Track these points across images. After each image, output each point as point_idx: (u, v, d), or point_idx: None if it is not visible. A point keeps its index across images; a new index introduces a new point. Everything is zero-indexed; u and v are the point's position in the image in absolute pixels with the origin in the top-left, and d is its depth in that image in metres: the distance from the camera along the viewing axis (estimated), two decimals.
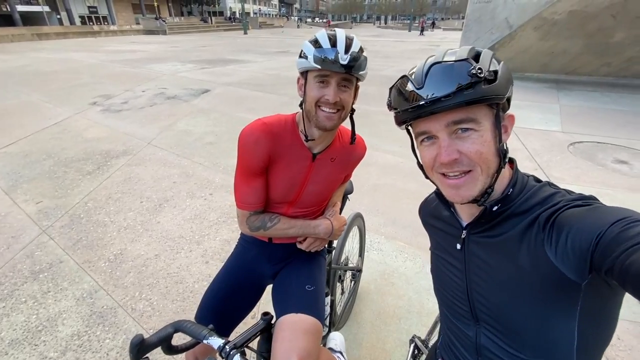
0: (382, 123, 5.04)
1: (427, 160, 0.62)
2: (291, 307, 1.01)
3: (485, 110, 0.57)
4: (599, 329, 0.58)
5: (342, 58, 0.84)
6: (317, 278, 1.14)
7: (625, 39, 6.82)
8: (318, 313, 1.03)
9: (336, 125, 0.95)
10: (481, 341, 0.68)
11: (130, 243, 2.40)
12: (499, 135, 0.58)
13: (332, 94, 0.87)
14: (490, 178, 0.59)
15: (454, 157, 0.57)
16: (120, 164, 3.62)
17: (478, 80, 0.53)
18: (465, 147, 0.57)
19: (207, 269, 2.16)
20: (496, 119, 0.58)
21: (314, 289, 1.09)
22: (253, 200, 1.02)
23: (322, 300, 1.10)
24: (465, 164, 0.58)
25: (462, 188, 0.59)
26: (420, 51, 16.01)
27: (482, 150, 0.57)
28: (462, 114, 0.55)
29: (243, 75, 8.89)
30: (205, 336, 0.74)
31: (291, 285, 1.10)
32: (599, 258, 0.47)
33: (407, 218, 2.73)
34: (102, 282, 2.05)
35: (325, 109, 0.90)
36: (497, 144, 0.58)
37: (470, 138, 0.57)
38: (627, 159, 3.89)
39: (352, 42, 0.87)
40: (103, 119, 5.16)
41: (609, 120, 5.30)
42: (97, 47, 15.84)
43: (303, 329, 0.95)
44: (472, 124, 0.56)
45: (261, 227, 1.04)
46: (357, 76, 0.90)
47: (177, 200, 2.97)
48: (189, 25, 32.56)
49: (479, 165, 0.57)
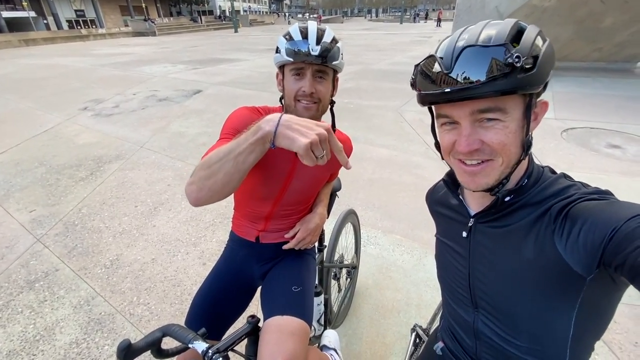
0: (376, 117, 5.03)
1: (446, 144, 0.59)
2: (277, 309, 1.00)
3: (516, 99, 0.52)
4: (596, 320, 0.58)
5: (314, 49, 0.84)
6: (304, 278, 1.12)
7: (614, 23, 6.83)
8: (305, 314, 1.02)
9: (315, 117, 0.93)
10: (478, 326, 0.68)
11: (126, 248, 2.39)
12: (527, 126, 0.54)
13: (307, 85, 0.88)
14: (509, 169, 0.56)
15: (474, 147, 0.54)
16: (113, 169, 3.59)
17: (514, 69, 0.47)
18: (488, 137, 0.53)
19: (205, 270, 2.15)
20: (527, 108, 0.53)
21: (301, 289, 1.08)
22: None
23: (310, 301, 1.09)
24: (486, 153, 0.55)
25: (479, 175, 0.57)
26: (412, 43, 15.95)
27: (505, 141, 0.53)
28: (489, 103, 0.51)
29: (235, 74, 8.82)
30: (191, 340, 0.74)
31: (278, 287, 1.09)
32: (611, 253, 0.46)
33: (403, 211, 2.73)
34: (99, 288, 2.04)
35: (303, 101, 0.90)
36: (523, 135, 0.54)
37: (494, 128, 0.53)
38: (620, 144, 3.92)
39: (323, 33, 0.87)
40: (94, 124, 5.11)
41: (601, 106, 5.32)
42: (86, 51, 15.65)
43: (289, 331, 0.94)
44: (499, 113, 0.52)
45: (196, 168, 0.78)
46: (332, 67, 0.90)
47: (172, 203, 2.95)
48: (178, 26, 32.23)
49: (500, 155, 0.54)
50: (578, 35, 7.40)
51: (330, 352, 1.30)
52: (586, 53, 8.14)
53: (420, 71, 0.58)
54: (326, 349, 1.33)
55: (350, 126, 4.50)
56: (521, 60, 0.46)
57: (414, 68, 0.61)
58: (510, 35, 0.49)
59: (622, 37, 7.32)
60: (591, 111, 5.06)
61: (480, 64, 0.48)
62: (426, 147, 3.95)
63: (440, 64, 0.53)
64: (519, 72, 0.48)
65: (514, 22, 0.51)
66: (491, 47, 0.48)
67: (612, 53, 8.07)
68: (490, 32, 0.50)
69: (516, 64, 0.46)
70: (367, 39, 19.02)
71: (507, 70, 0.47)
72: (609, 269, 0.47)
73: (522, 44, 0.48)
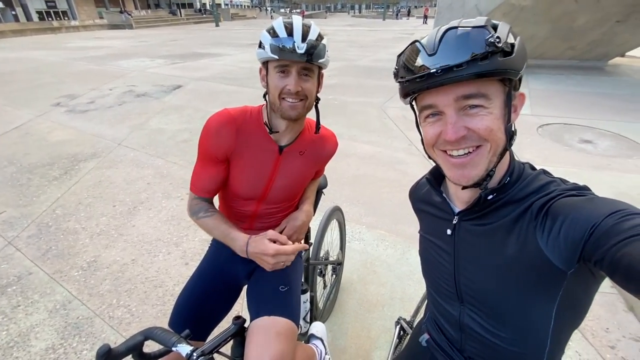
0: (360, 114, 5.05)
1: (430, 136, 0.58)
2: (264, 309, 0.98)
3: (497, 86, 0.53)
4: (575, 311, 0.60)
5: (299, 47, 0.82)
6: (291, 277, 1.11)
7: (587, 22, 7.11)
8: (292, 314, 1.01)
9: (301, 115, 0.93)
10: (464, 320, 0.70)
11: (105, 249, 2.31)
12: (509, 114, 0.55)
13: (293, 84, 0.86)
14: (496, 157, 0.56)
15: (461, 134, 0.54)
16: (89, 167, 3.46)
17: (495, 51, 0.48)
18: (473, 124, 0.53)
19: (187, 270, 2.11)
20: (507, 96, 0.54)
21: (288, 289, 1.07)
22: (202, 186, 1.01)
23: (297, 300, 1.09)
24: (474, 139, 0.54)
25: (468, 167, 0.56)
26: (395, 39, 16.08)
27: (492, 126, 0.53)
28: (473, 88, 0.52)
29: (216, 69, 8.65)
30: (174, 343, 0.72)
31: (264, 286, 1.07)
32: (591, 248, 0.47)
33: (387, 207, 2.76)
34: (75, 291, 1.96)
35: (289, 99, 0.89)
36: (505, 123, 0.55)
37: (479, 115, 0.53)
38: (591, 139, 4.09)
39: (309, 30, 0.84)
40: (68, 121, 4.89)
41: (575, 102, 5.54)
42: (58, 44, 14.93)
43: (276, 331, 0.93)
44: (483, 100, 0.52)
45: (194, 214, 1.02)
46: (317, 64, 0.89)
47: (152, 201, 2.87)
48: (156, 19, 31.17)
49: (488, 140, 0.54)
50: (553, 34, 7.66)
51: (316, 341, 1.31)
52: (561, 51, 8.44)
53: (404, 59, 0.58)
54: (313, 338, 1.33)
55: (334, 122, 4.49)
56: (502, 41, 0.48)
57: (397, 58, 0.60)
58: (489, 23, 0.51)
59: (594, 35, 7.63)
60: (565, 107, 5.26)
61: (463, 45, 0.50)
62: (409, 143, 4.00)
63: (425, 48, 0.53)
64: (500, 55, 0.49)
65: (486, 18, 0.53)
66: (473, 30, 0.50)
67: (585, 51, 8.40)
68: (469, 21, 0.52)
69: (497, 43, 0.48)
70: (350, 34, 19.03)
71: (490, 49, 0.48)
72: (589, 263, 0.48)
73: (499, 31, 0.50)
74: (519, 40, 0.52)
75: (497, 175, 0.59)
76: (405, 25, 28.22)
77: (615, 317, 1.76)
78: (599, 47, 8.20)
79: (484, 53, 0.48)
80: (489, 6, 7.00)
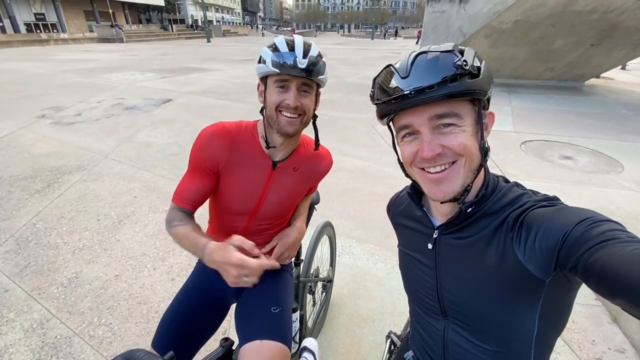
0: (349, 129, 5.13)
1: (407, 155, 0.61)
2: (255, 333, 0.95)
3: (467, 106, 0.57)
4: (556, 318, 0.61)
5: (301, 62, 0.84)
6: (283, 297, 1.08)
7: (564, 45, 7.51)
8: (284, 336, 0.98)
9: (298, 131, 0.93)
10: (449, 335, 0.70)
11: (87, 265, 2.23)
12: (481, 132, 0.58)
13: (292, 99, 0.87)
14: (472, 172, 0.59)
15: (437, 151, 0.56)
16: (73, 181, 3.38)
17: (463, 73, 0.52)
18: (447, 141, 0.56)
19: (173, 286, 2.05)
20: (478, 115, 0.58)
21: (280, 310, 1.03)
22: (185, 195, 0.97)
23: (288, 321, 1.05)
24: (449, 156, 0.57)
25: (444, 182, 0.59)
26: (383, 58, 16.55)
27: (465, 142, 0.56)
28: (445, 108, 0.55)
29: (207, 83, 8.69)
30: None
31: (255, 307, 1.03)
32: (564, 256, 0.49)
33: (377, 220, 2.78)
34: (54, 309, 1.88)
35: (287, 114, 0.89)
36: (479, 141, 0.58)
37: (452, 133, 0.56)
38: (571, 155, 4.25)
39: (310, 47, 0.87)
40: (53, 133, 4.80)
41: (554, 120, 5.78)
42: (46, 56, 14.78)
43: (268, 356, 0.90)
44: (455, 118, 0.56)
45: (168, 223, 0.96)
46: (316, 81, 0.90)
47: (138, 215, 2.81)
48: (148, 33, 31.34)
49: (463, 156, 0.57)
50: (532, 56, 8.04)
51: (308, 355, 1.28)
52: (540, 72, 8.85)
53: (379, 83, 0.61)
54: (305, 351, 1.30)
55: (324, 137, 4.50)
56: (469, 64, 0.52)
57: (372, 82, 0.64)
58: (456, 48, 0.56)
59: (571, 58, 8.04)
60: (546, 125, 5.47)
61: (434, 69, 0.54)
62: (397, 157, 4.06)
63: (397, 72, 0.57)
64: (467, 77, 0.53)
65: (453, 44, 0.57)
66: (442, 54, 0.54)
67: (563, 72, 8.83)
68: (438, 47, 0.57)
69: (465, 66, 0.52)
70: (340, 53, 19.50)
71: (458, 72, 0.52)
72: (565, 270, 0.50)
73: (465, 55, 0.54)
74: (484, 63, 0.56)
75: (474, 189, 0.62)
76: (393, 45, 29.15)
77: (601, 329, 1.79)
78: (576, 69, 8.63)
79: (453, 75, 0.52)
80: (472, 28, 7.33)
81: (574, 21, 6.63)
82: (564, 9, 6.31)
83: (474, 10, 7.15)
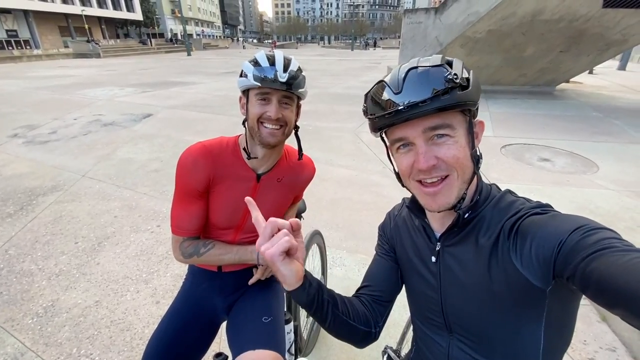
0: (334, 139, 5.15)
1: (404, 167, 0.61)
2: (248, 343, 0.94)
3: (459, 116, 0.58)
4: (562, 331, 0.60)
5: (281, 76, 0.86)
6: (273, 307, 1.08)
7: (535, 52, 7.87)
8: (278, 345, 0.97)
9: (280, 142, 0.94)
10: (453, 353, 0.68)
11: (64, 291, 2.10)
12: (472, 141, 0.59)
13: (273, 111, 0.89)
14: (466, 183, 0.60)
15: (432, 163, 0.57)
16: (48, 202, 3.22)
17: (454, 86, 0.53)
18: (442, 153, 0.57)
19: (158, 309, 1.96)
20: (469, 125, 0.59)
21: (272, 319, 1.03)
22: (188, 226, 0.97)
23: (281, 331, 1.05)
24: (443, 169, 0.58)
25: (439, 195, 0.59)
26: (364, 69, 16.89)
27: (458, 155, 0.57)
28: (438, 120, 0.56)
29: (189, 97, 8.59)
30: None
31: (246, 319, 1.03)
32: (561, 265, 0.48)
33: (367, 230, 2.76)
34: (29, 342, 1.75)
35: (268, 125, 0.90)
36: (471, 150, 0.59)
37: (446, 144, 0.57)
38: (549, 157, 4.40)
39: (290, 62, 0.89)
40: (26, 152, 4.60)
41: (531, 123, 5.99)
42: (19, 74, 14.30)
43: None
44: (448, 129, 0.57)
45: (194, 254, 0.99)
46: (297, 94, 0.92)
47: (119, 236, 2.69)
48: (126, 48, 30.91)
49: (455, 170, 0.58)
50: (506, 63, 8.38)
51: None
52: (514, 78, 9.22)
53: (371, 97, 0.62)
54: None
55: (310, 147, 4.54)
56: (459, 77, 0.54)
57: (364, 97, 0.64)
58: (444, 61, 0.57)
59: (542, 64, 8.43)
60: (523, 129, 5.66)
61: (425, 83, 0.55)
62: (383, 166, 4.09)
63: (390, 87, 0.58)
64: (458, 89, 0.54)
65: (441, 55, 0.58)
66: (432, 68, 0.56)
67: (535, 78, 9.24)
68: (427, 59, 0.58)
69: (455, 80, 0.53)
70: (321, 64, 19.78)
71: (449, 86, 0.53)
72: (562, 279, 0.50)
73: (454, 68, 0.56)
74: (472, 74, 0.58)
75: (468, 195, 0.62)
76: (372, 55, 29.83)
77: (591, 328, 1.81)
78: (547, 74, 9.05)
79: (445, 89, 0.53)
80: (448, 38, 7.59)
81: (543, 29, 6.97)
82: (533, 19, 6.64)
83: (449, 21, 7.41)
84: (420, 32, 8.30)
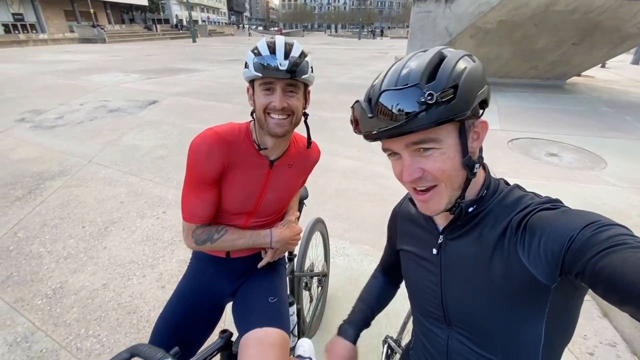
0: (339, 129, 5.12)
1: (397, 174, 0.62)
2: (255, 322, 0.97)
3: (447, 127, 0.54)
4: (563, 326, 0.60)
5: (282, 64, 0.84)
6: (278, 288, 1.11)
7: (547, 44, 7.69)
8: (284, 324, 1.01)
9: (287, 131, 0.93)
10: (452, 344, 0.68)
11: (72, 274, 2.15)
12: (464, 148, 0.56)
13: (278, 100, 0.87)
14: (457, 190, 0.59)
15: (416, 175, 0.57)
16: (56, 186, 3.26)
17: (429, 106, 0.50)
18: (427, 165, 0.56)
19: (164, 294, 2.00)
20: (460, 132, 0.56)
21: (277, 300, 1.06)
22: (201, 213, 0.97)
23: (286, 311, 1.08)
24: (429, 180, 0.57)
25: (430, 202, 0.59)
26: (371, 58, 16.65)
27: (444, 167, 0.56)
28: (420, 136, 0.54)
29: (194, 84, 8.55)
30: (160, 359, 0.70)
31: (253, 299, 1.06)
32: (570, 261, 0.47)
33: (370, 221, 2.77)
34: (39, 322, 1.80)
35: (275, 116, 0.89)
36: (462, 158, 0.56)
37: (432, 156, 0.55)
38: (556, 152, 4.35)
39: (291, 48, 0.86)
40: (33, 137, 4.63)
41: (539, 118, 5.90)
42: (25, 58, 14.29)
43: (270, 343, 0.92)
44: (432, 143, 0.55)
45: (207, 240, 0.99)
46: (302, 81, 0.90)
47: (125, 221, 2.73)
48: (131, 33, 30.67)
49: (442, 181, 0.57)
50: (516, 55, 8.21)
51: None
52: (524, 70, 9.04)
53: (353, 114, 0.61)
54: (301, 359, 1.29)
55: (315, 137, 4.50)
56: (435, 96, 0.49)
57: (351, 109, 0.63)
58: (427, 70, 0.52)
59: (553, 57, 8.24)
60: (531, 123, 5.58)
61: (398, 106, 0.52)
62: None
63: (364, 109, 0.56)
64: (438, 106, 0.50)
65: (436, 51, 0.54)
66: (406, 89, 0.51)
67: (546, 71, 9.05)
68: (408, 70, 0.53)
69: (429, 102, 0.49)
70: (327, 53, 19.52)
71: (422, 108, 0.50)
72: (570, 276, 0.49)
73: (437, 79, 0.51)
74: (470, 71, 0.53)
75: (474, 189, 0.61)
76: (380, 45, 29.36)
77: (592, 323, 1.82)
78: (558, 67, 8.86)
79: (418, 112, 0.50)
80: (458, 28, 7.43)
81: (556, 21, 6.79)
82: (546, 9, 6.46)
83: (460, 10, 7.24)
84: (429, 21, 8.13)
